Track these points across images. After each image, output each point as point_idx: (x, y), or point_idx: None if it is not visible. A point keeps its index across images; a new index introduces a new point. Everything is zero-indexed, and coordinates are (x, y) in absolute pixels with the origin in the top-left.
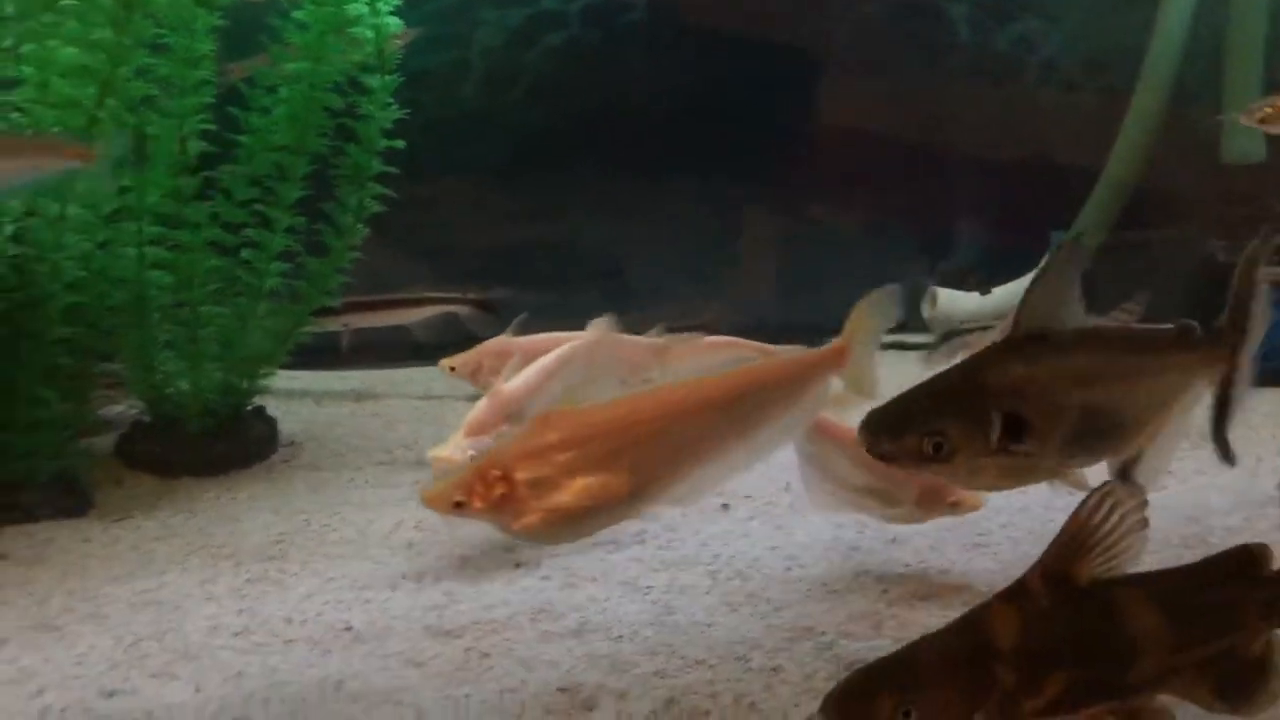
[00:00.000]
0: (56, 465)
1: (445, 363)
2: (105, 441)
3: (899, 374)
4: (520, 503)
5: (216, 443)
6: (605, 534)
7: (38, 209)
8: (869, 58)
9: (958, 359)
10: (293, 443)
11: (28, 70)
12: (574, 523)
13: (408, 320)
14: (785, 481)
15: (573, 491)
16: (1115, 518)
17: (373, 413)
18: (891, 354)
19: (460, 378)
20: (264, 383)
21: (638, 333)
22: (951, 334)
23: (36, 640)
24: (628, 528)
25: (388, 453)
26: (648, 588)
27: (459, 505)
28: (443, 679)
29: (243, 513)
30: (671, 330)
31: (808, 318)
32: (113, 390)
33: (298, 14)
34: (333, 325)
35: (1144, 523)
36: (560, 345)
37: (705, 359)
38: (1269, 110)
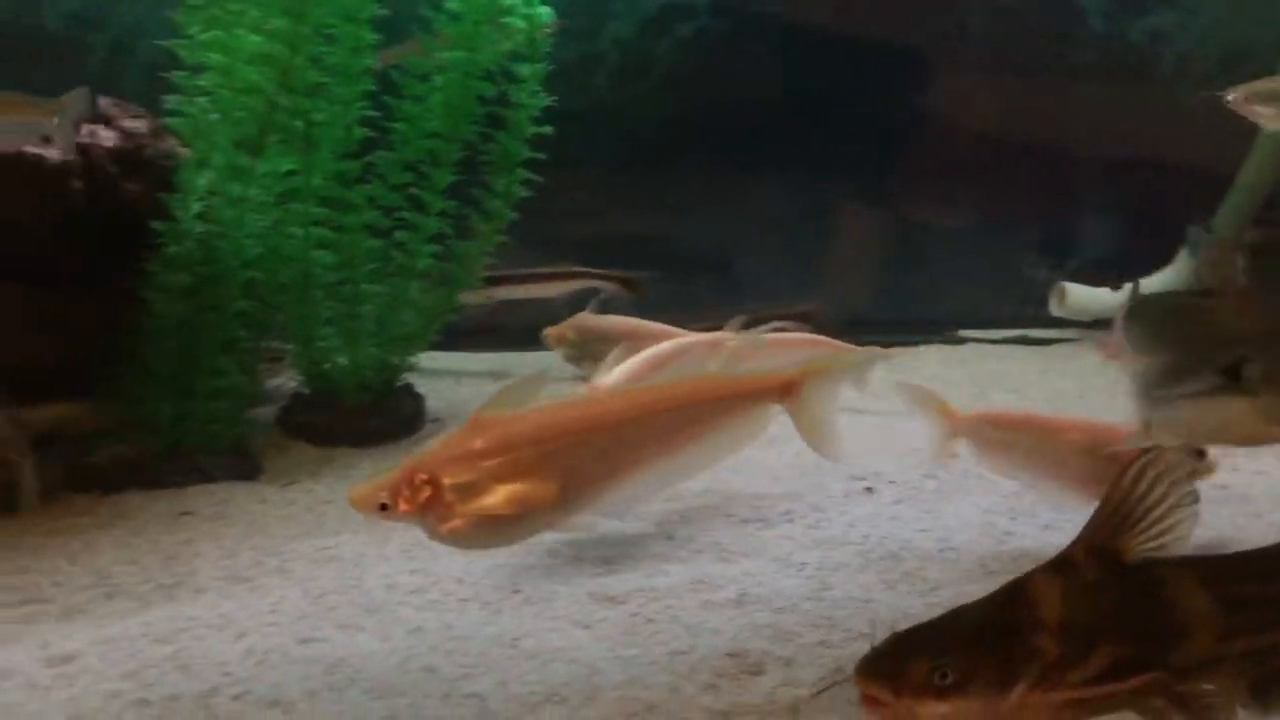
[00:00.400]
0: (232, 432)
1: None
2: (267, 412)
3: (1023, 368)
4: (446, 507)
5: (370, 416)
6: (752, 512)
7: (221, 188)
8: (1001, 51)
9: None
10: (438, 419)
11: (214, 57)
12: (501, 528)
13: (551, 294)
14: (929, 469)
15: (500, 497)
16: (1159, 489)
17: None
18: (1017, 349)
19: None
20: (413, 360)
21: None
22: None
23: (231, 590)
24: (775, 506)
25: None
26: (801, 564)
27: (384, 508)
28: (611, 640)
29: None
30: (756, 323)
31: (939, 314)
32: (271, 364)
33: (450, 4)
34: (478, 298)
35: (1193, 496)
36: (629, 330)
37: (767, 357)
38: (1246, 94)
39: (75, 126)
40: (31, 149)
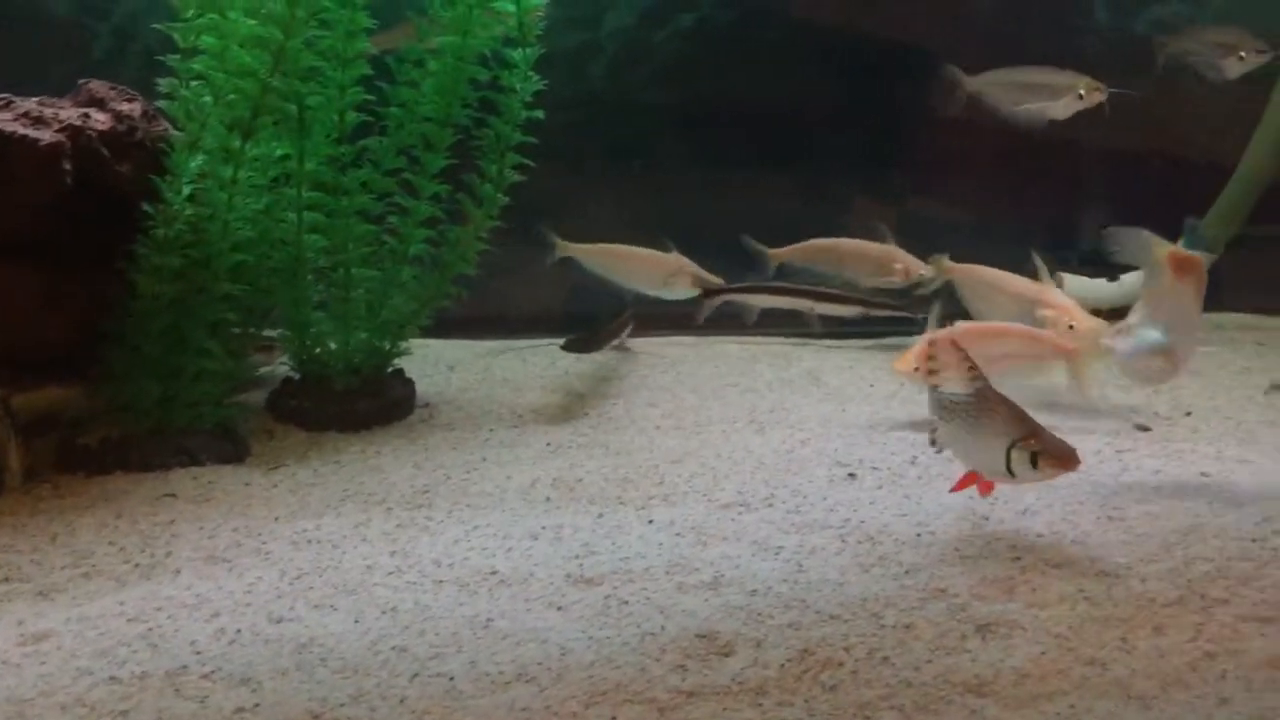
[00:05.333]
0: (218, 415)
1: None
2: (257, 396)
3: None
4: None
5: (360, 400)
6: (736, 496)
7: (212, 171)
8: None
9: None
10: (428, 404)
11: (209, 40)
12: None
13: None
14: (911, 455)
15: None
16: None
17: (502, 379)
18: None
19: None
20: (404, 346)
21: None
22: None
23: (209, 570)
24: (757, 492)
25: (518, 417)
26: (779, 548)
27: None
28: (585, 621)
29: (387, 465)
30: None
31: None
32: (264, 353)
33: None
34: None
35: None
36: None
37: None
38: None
39: None
40: (21, 131)
